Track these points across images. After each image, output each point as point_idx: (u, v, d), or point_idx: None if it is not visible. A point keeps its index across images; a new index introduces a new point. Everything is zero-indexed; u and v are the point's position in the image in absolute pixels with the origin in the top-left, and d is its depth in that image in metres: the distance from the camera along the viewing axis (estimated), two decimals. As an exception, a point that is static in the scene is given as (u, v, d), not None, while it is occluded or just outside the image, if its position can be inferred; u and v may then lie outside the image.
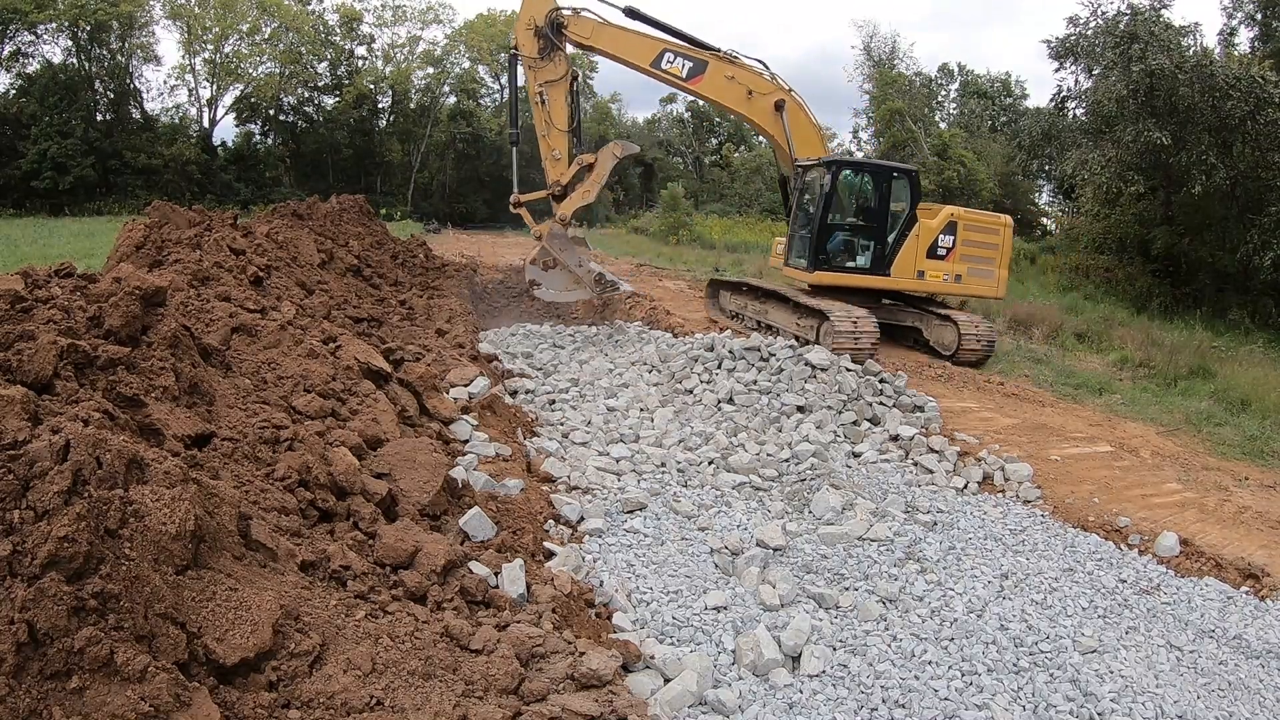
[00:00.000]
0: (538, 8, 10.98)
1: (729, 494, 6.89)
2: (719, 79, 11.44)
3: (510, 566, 4.51)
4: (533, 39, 10.96)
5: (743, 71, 11.56)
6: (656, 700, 3.88)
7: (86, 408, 3.33)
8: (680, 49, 11.32)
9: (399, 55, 48.22)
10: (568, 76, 11.17)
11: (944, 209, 12.43)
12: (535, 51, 10.97)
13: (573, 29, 11.08)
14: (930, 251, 12.03)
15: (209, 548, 3.06)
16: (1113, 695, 4.44)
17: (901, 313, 12.78)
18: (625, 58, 11.58)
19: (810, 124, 12.30)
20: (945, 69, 50.02)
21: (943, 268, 12.17)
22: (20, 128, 36.50)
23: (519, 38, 11.18)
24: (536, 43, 10.95)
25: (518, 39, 11.21)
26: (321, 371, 5.82)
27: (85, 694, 2.31)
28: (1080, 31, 22.77)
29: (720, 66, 11.42)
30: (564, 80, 11.14)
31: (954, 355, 11.91)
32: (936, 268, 12.14)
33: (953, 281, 12.26)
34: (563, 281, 11.88)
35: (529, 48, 11.03)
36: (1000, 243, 12.47)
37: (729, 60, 11.48)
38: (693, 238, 31.31)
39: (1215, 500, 7.52)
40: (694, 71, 11.30)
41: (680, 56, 11.27)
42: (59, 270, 5.02)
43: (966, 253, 12.21)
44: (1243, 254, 19.33)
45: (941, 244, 12.07)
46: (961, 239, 12.14)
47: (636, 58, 11.42)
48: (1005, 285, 12.76)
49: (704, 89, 11.55)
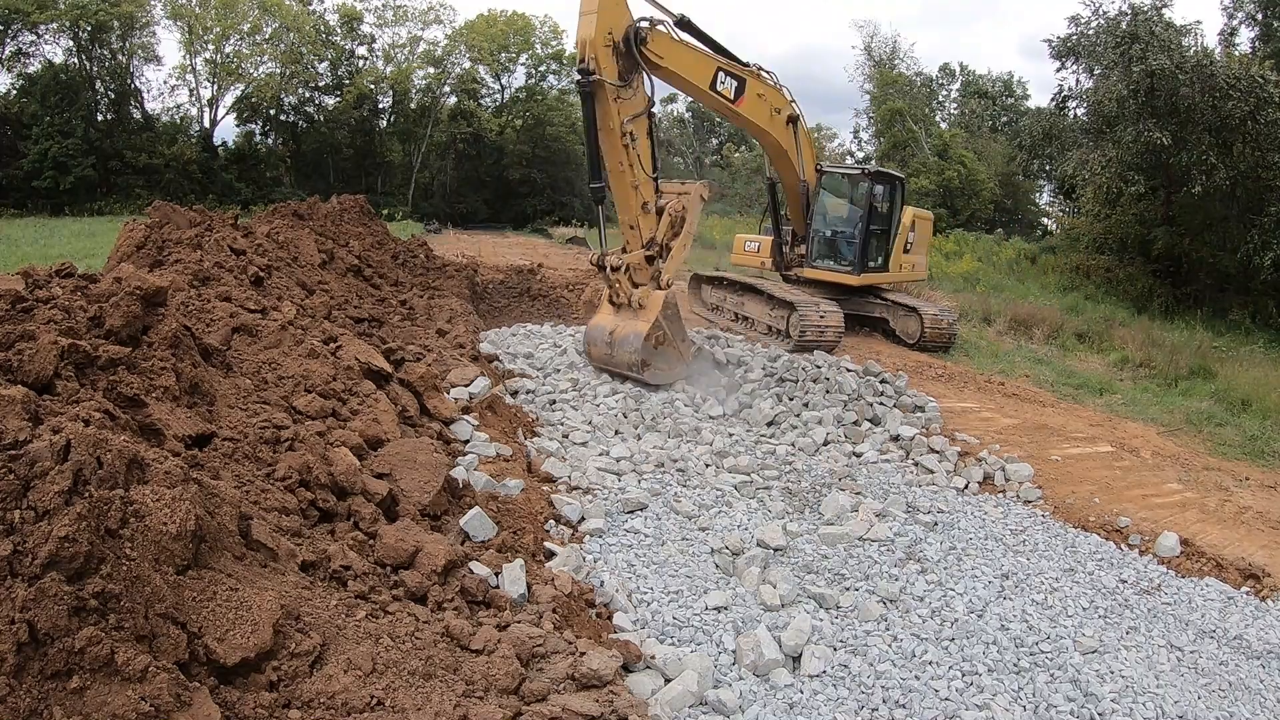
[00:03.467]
0: (616, 19, 8.65)
1: (729, 494, 6.89)
2: (754, 98, 10.47)
3: (511, 567, 4.51)
4: (613, 59, 8.62)
5: (769, 89, 10.84)
6: (657, 700, 3.87)
7: (87, 408, 3.33)
8: (729, 68, 10.08)
9: (400, 55, 48.22)
10: (649, 107, 9.19)
11: (909, 209, 14.01)
12: (617, 75, 8.67)
13: (654, 45, 8.97)
14: (906, 247, 13.70)
15: (209, 548, 3.06)
16: (1113, 695, 4.44)
17: (869, 304, 13.80)
18: (689, 79, 9.76)
19: (809, 139, 12.57)
20: (946, 69, 50.06)
21: (908, 260, 13.93)
22: (21, 128, 36.49)
23: (598, 57, 8.50)
24: (617, 64, 8.67)
25: (595, 59, 8.50)
26: (322, 371, 5.82)
27: (86, 694, 2.31)
28: (1081, 31, 22.77)
29: (755, 84, 10.47)
30: (646, 113, 9.16)
31: (918, 342, 13.06)
32: (908, 261, 13.91)
33: (911, 271, 14.17)
34: (671, 360, 9.64)
35: (610, 70, 8.60)
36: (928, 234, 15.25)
37: (758, 76, 10.60)
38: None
39: (1216, 500, 7.52)
40: (738, 92, 10.17)
41: (729, 76, 10.01)
42: (60, 270, 5.02)
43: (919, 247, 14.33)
44: (1243, 254, 19.33)
45: (910, 241, 13.83)
46: (919, 234, 14.17)
47: (698, 79, 9.80)
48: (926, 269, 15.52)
49: (744, 109, 10.39)
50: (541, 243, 31.67)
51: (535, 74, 50.02)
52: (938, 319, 12.86)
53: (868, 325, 13.85)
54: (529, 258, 19.38)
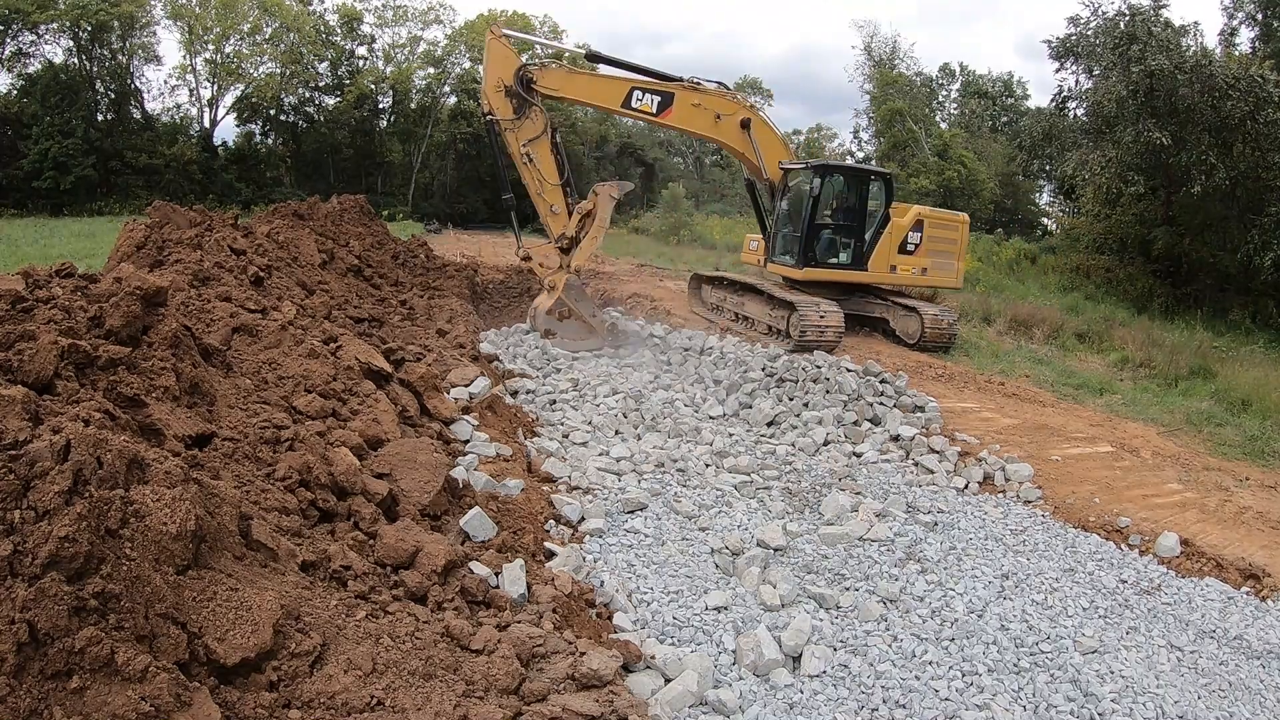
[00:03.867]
0: (504, 68, 10.95)
1: (729, 494, 6.89)
2: (686, 108, 11.65)
3: (511, 567, 4.51)
4: (505, 100, 10.96)
5: (708, 97, 11.78)
6: (657, 700, 3.87)
7: (87, 408, 3.33)
8: (647, 85, 11.50)
9: (400, 55, 48.19)
10: (548, 129, 11.24)
11: (912, 208, 13.34)
12: (511, 112, 10.97)
13: (542, 83, 11.07)
14: (901, 247, 12.99)
15: (210, 548, 3.06)
16: (1113, 695, 4.44)
17: (870, 304, 13.63)
18: (597, 103, 12.08)
19: (774, 136, 12.79)
20: (946, 69, 50.05)
21: (911, 262, 13.17)
22: (21, 128, 36.45)
23: (491, 101, 11.05)
24: (510, 103, 10.95)
25: (490, 102, 11.07)
26: (322, 371, 5.82)
27: (86, 694, 2.31)
28: (1080, 31, 22.76)
29: (686, 95, 11.62)
30: (545, 134, 11.18)
31: (918, 342, 12.88)
32: (906, 262, 13.15)
33: (919, 274, 13.36)
34: (578, 331, 11.77)
35: (503, 109, 10.99)
36: (959, 238, 13.59)
37: (693, 88, 11.69)
38: (693, 238, 31.30)
39: (1216, 500, 7.52)
40: (663, 105, 11.51)
41: (648, 93, 11.44)
42: (60, 270, 5.02)
43: (931, 248, 13.25)
44: (1243, 254, 19.33)
45: (910, 240, 13.03)
46: (928, 235, 13.15)
47: (608, 101, 11.70)
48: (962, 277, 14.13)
49: (673, 120, 11.78)
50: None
51: (535, 74, 49.97)
52: (938, 319, 12.86)
53: (868, 325, 13.80)
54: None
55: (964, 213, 14.44)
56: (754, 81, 58.09)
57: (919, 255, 13.19)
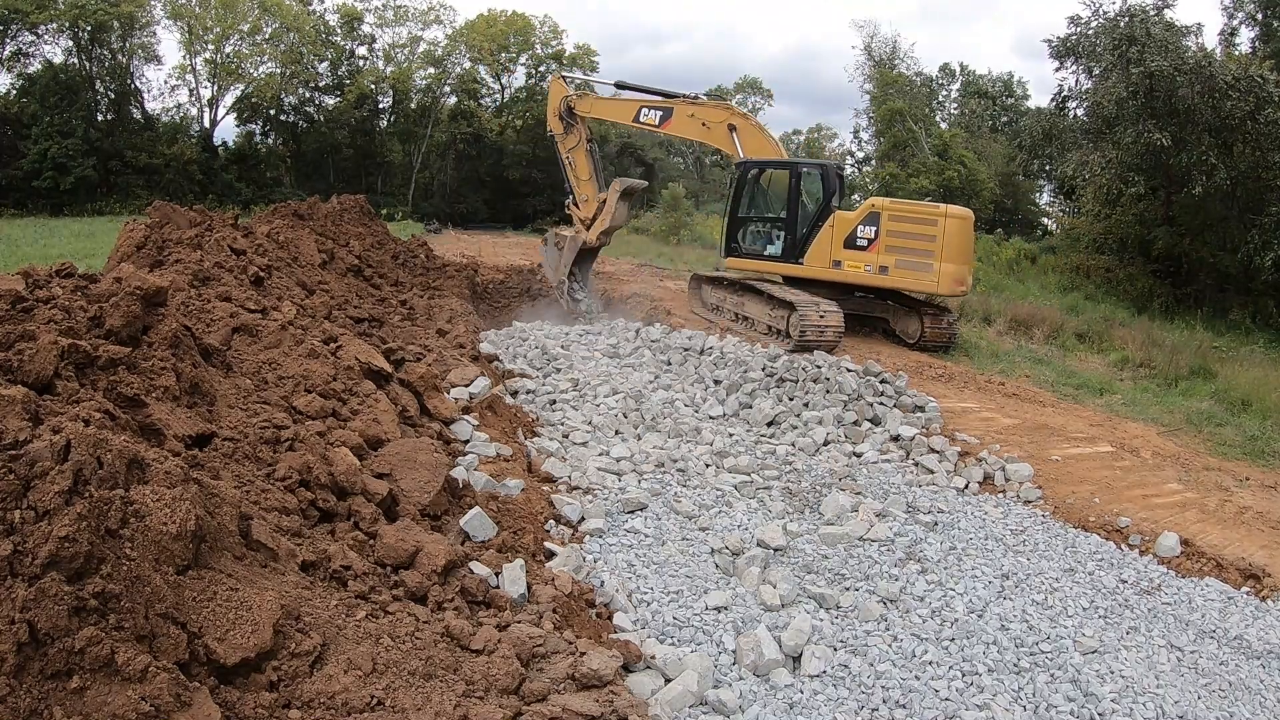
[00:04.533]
0: (557, 97, 14.66)
1: (729, 494, 6.89)
2: (682, 119, 13.74)
3: (511, 567, 4.51)
4: (558, 121, 14.53)
5: (700, 109, 13.60)
6: (657, 700, 3.87)
7: (87, 408, 3.33)
8: (652, 103, 14.13)
9: (400, 55, 48.19)
10: (584, 140, 14.51)
11: (870, 200, 12.52)
12: (561, 129, 14.57)
13: (579, 107, 14.46)
14: (848, 242, 12.11)
15: (210, 548, 3.06)
16: (1113, 695, 4.44)
17: (871, 305, 13.66)
18: (614, 119, 16.03)
19: (761, 137, 13.29)
20: (946, 69, 50.04)
21: (862, 258, 12.05)
22: (21, 128, 36.47)
23: (550, 122, 14.82)
24: (561, 123, 14.50)
25: (550, 124, 14.85)
26: (322, 371, 5.82)
27: (86, 694, 2.31)
28: (1080, 32, 22.76)
29: (683, 109, 13.65)
30: (582, 144, 14.52)
31: (918, 342, 12.89)
32: (856, 258, 12.10)
33: (877, 273, 12.05)
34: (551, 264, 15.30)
35: (557, 128, 14.64)
36: (938, 234, 11.65)
37: (690, 102, 13.66)
38: (693, 238, 31.32)
39: (1216, 500, 7.51)
40: (664, 118, 13.94)
41: (652, 109, 14.06)
42: (60, 270, 5.02)
43: (893, 244, 11.83)
44: (1243, 254, 19.32)
45: (861, 235, 12.00)
46: (886, 230, 11.84)
47: (622, 117, 15.14)
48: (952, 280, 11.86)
49: (671, 130, 14.37)
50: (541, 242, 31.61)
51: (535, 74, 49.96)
52: (937, 319, 12.86)
53: (868, 325, 13.82)
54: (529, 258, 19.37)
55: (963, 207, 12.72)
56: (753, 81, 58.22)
57: (874, 252, 11.90)
